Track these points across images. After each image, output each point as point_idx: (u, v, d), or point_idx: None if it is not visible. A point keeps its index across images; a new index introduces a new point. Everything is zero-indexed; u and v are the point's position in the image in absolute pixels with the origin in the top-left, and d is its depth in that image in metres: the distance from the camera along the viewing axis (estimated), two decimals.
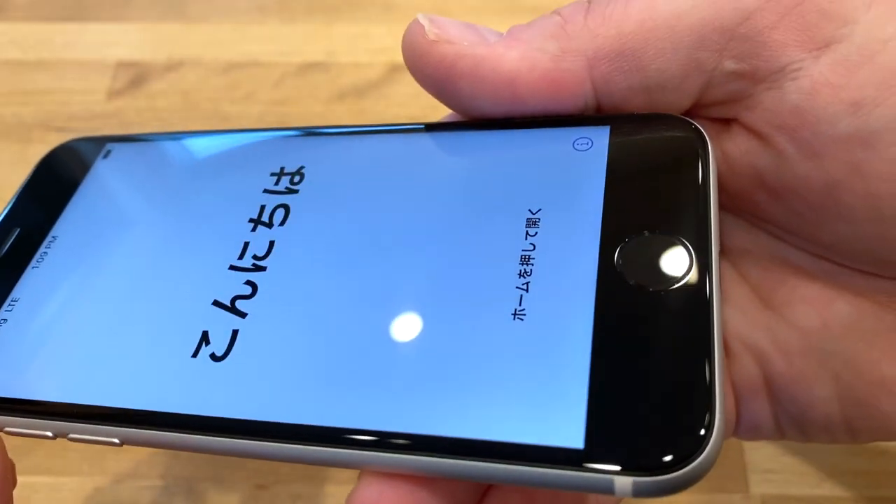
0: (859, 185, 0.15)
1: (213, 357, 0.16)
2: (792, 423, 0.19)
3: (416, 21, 0.18)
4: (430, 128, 0.19)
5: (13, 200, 0.22)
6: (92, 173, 0.21)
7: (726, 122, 0.17)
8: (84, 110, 0.37)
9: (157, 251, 0.19)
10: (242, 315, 0.17)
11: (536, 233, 0.16)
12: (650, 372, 0.14)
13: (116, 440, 0.16)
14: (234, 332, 0.16)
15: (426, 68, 0.17)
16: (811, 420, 0.18)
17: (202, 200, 0.19)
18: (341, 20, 0.40)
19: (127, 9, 0.40)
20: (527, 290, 0.15)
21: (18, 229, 0.20)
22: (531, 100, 0.17)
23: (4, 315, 0.19)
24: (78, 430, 0.16)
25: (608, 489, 0.13)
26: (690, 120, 0.17)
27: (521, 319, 0.15)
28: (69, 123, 0.36)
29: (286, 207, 0.18)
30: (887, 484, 0.28)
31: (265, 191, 0.19)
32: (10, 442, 0.30)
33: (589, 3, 0.17)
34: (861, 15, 0.15)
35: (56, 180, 0.22)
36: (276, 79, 0.38)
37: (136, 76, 0.38)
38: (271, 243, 0.18)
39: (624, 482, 0.13)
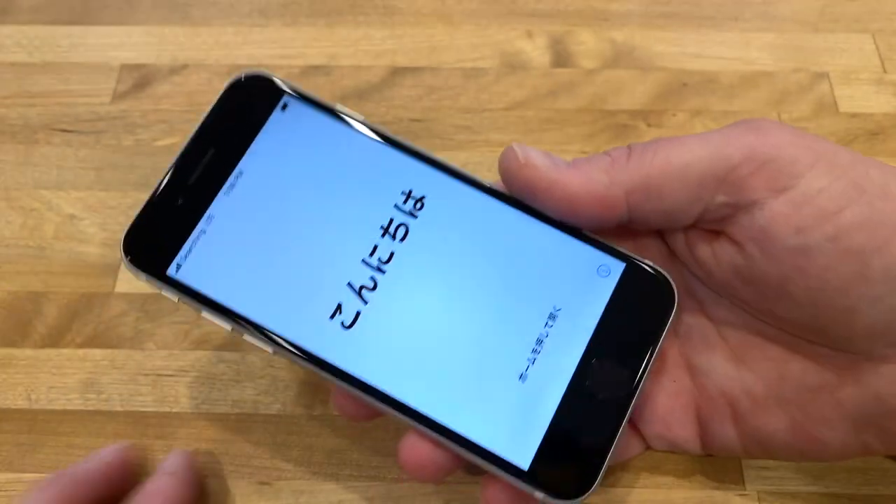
0: (801, 281, 0.22)
1: (343, 325, 0.24)
2: (757, 446, 0.26)
3: (511, 148, 0.24)
4: (517, 205, 0.25)
5: (205, 120, 0.25)
6: (271, 122, 0.25)
7: (716, 233, 0.24)
8: (89, 112, 0.37)
9: (314, 218, 0.25)
10: (364, 301, 0.24)
11: (552, 325, 0.24)
12: (579, 438, 0.23)
13: (270, 351, 0.24)
14: (357, 313, 0.24)
15: (516, 184, 0.24)
16: (771, 444, 0.25)
17: (350, 189, 0.25)
18: (343, 23, 0.40)
19: (131, 12, 0.41)
20: (533, 364, 0.24)
21: (213, 150, 0.25)
22: (585, 213, 0.24)
23: (203, 227, 0.25)
24: (248, 335, 0.24)
25: (532, 496, 0.23)
26: (674, 286, 0.24)
27: (523, 381, 0.23)
28: (74, 125, 0.37)
29: (406, 227, 0.25)
30: (881, 481, 0.28)
31: (395, 206, 0.25)
32: (17, 438, 0.31)
33: (629, 150, 0.24)
34: (806, 172, 0.22)
35: (240, 114, 0.26)
36: None
37: (140, 78, 0.38)
38: (391, 254, 0.24)
39: (542, 496, 0.22)
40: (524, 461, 0.23)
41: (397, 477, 0.29)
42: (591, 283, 0.24)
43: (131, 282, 0.33)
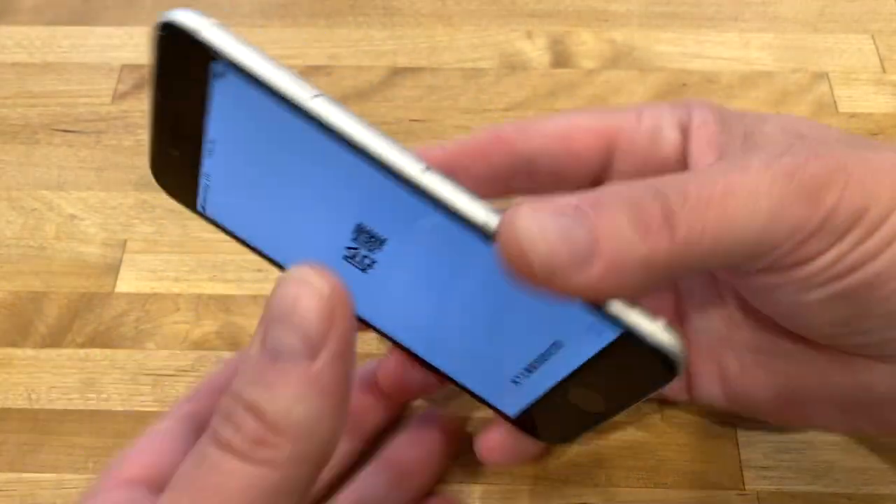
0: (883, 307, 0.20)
1: None
2: (741, 407, 0.26)
3: (512, 225, 0.19)
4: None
5: (153, 85, 0.21)
6: (213, 90, 0.20)
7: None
8: (89, 112, 0.37)
9: (285, 222, 0.22)
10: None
11: (535, 360, 0.22)
12: (551, 426, 0.25)
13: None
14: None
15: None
16: (756, 408, 0.26)
17: (308, 205, 0.21)
18: (343, 24, 0.40)
19: (132, 12, 0.41)
20: (528, 376, 0.23)
21: (175, 118, 0.21)
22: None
23: (206, 183, 0.23)
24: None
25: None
26: (680, 361, 0.20)
27: (517, 383, 0.24)
28: (75, 125, 0.37)
29: (372, 260, 0.22)
30: (880, 480, 0.28)
31: (354, 237, 0.21)
32: (17, 437, 0.31)
33: (662, 207, 0.19)
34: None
35: (181, 76, 0.20)
36: None
37: (141, 79, 0.38)
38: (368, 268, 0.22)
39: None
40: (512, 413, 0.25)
41: None
42: (582, 335, 0.21)
43: (132, 282, 0.33)
